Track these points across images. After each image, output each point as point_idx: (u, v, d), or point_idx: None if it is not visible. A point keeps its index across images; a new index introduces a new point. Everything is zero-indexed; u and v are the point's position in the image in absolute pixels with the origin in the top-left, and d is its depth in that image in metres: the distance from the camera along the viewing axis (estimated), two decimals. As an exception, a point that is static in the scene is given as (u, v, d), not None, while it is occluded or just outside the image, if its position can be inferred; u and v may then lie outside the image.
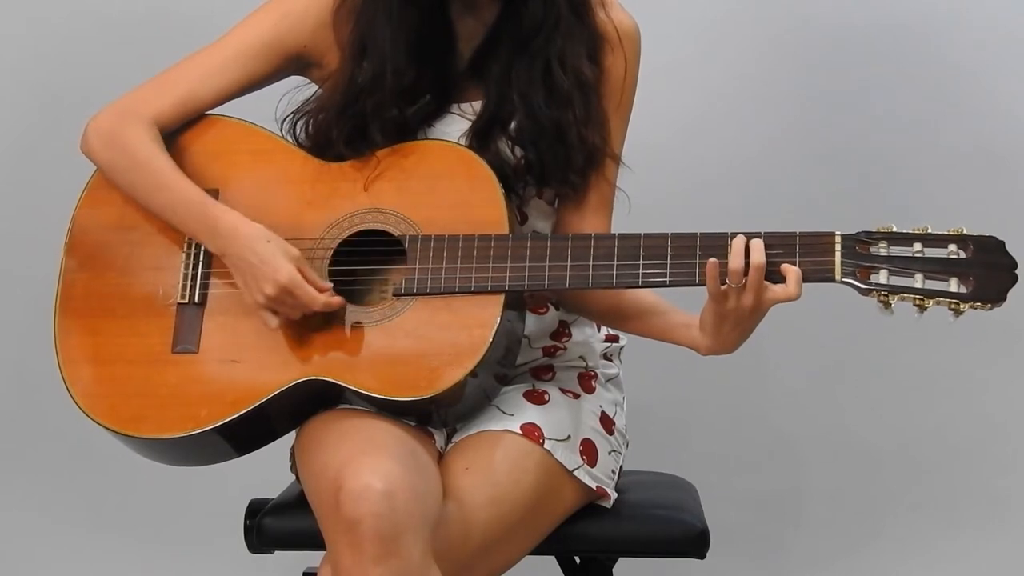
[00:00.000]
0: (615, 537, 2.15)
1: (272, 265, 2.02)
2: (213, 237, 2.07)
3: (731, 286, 1.94)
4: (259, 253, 2.03)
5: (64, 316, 2.12)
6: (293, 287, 2.01)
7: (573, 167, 2.10)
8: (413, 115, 2.12)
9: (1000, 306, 1.90)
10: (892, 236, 1.94)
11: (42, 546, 3.13)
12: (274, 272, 2.01)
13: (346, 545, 1.86)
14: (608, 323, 2.21)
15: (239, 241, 2.04)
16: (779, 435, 3.04)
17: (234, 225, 2.05)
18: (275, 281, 2.01)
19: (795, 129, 2.98)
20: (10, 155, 3.08)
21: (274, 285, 2.01)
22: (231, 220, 2.06)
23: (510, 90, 2.09)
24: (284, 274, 2.01)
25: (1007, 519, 3.04)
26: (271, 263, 2.02)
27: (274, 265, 2.02)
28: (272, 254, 2.02)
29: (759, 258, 1.93)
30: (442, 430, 2.11)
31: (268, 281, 2.01)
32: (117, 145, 2.13)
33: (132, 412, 2.06)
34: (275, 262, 2.02)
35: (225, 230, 2.05)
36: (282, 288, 2.01)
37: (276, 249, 2.03)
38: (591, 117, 2.11)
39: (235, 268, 2.05)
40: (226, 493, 2.51)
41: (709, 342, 2.03)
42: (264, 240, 2.04)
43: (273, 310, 2.03)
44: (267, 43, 2.14)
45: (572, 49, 2.10)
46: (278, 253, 2.02)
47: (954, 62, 2.95)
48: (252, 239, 2.04)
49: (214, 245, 2.07)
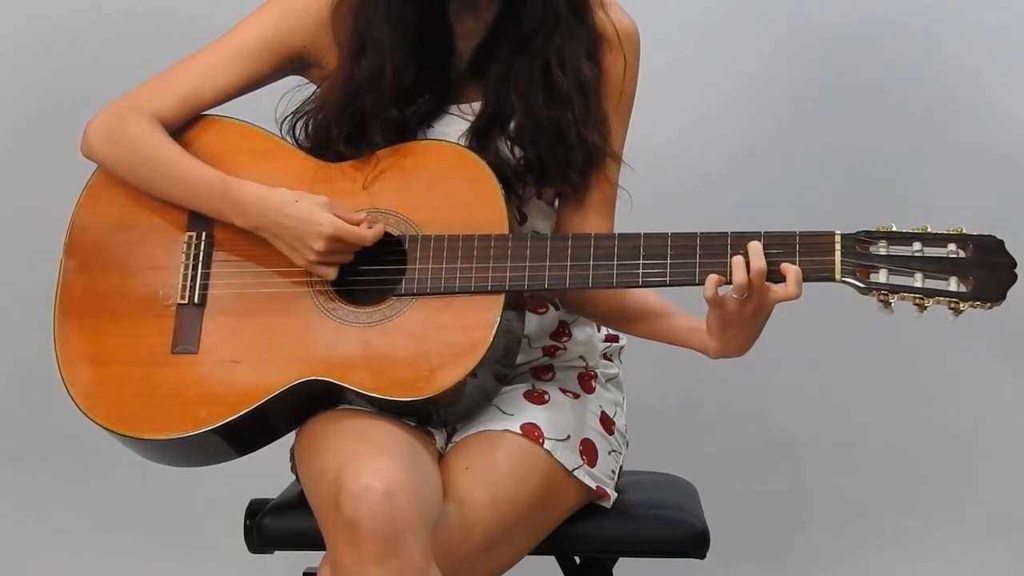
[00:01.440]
0: (615, 537, 2.15)
1: (312, 221, 2.02)
2: (241, 214, 2.06)
3: (735, 298, 1.95)
4: (294, 215, 2.03)
5: (63, 316, 2.12)
6: (340, 233, 2.01)
7: (573, 166, 2.10)
8: (412, 115, 2.12)
9: (1000, 305, 1.90)
10: (892, 235, 1.94)
11: (42, 546, 3.13)
12: (318, 227, 2.01)
13: (346, 545, 1.86)
14: (613, 325, 2.21)
15: (269, 209, 2.04)
16: (780, 435, 3.05)
17: (259, 195, 2.05)
18: (321, 235, 2.01)
19: (795, 128, 2.98)
20: (10, 155, 3.08)
21: (322, 239, 2.01)
22: (254, 191, 2.06)
23: (509, 90, 2.09)
24: (327, 225, 2.01)
25: (1007, 519, 3.04)
26: (310, 219, 2.02)
27: (314, 220, 2.02)
28: (307, 210, 2.02)
29: (760, 264, 1.93)
30: (442, 430, 2.11)
31: (315, 237, 2.01)
32: (121, 141, 2.13)
33: (132, 413, 2.06)
34: (313, 217, 2.02)
35: (252, 203, 2.05)
36: (329, 238, 2.01)
37: (308, 204, 2.03)
38: (590, 116, 2.10)
39: (274, 236, 2.05)
40: (226, 493, 2.50)
41: (717, 346, 2.02)
42: (293, 200, 2.04)
43: (327, 262, 2.03)
44: (267, 42, 2.14)
45: (571, 49, 2.10)
46: (312, 207, 2.02)
47: (953, 61, 2.95)
48: (282, 203, 2.04)
49: (244, 221, 2.06)
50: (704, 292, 1.96)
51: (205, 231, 2.11)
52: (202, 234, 2.11)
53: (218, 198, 2.07)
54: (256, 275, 2.09)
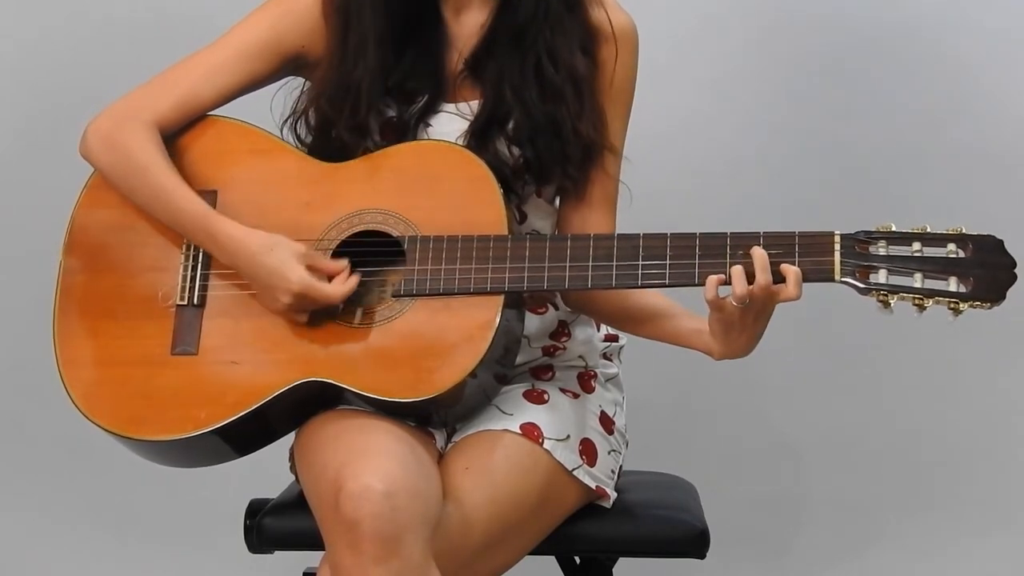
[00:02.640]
0: (615, 537, 2.15)
1: (281, 275, 2.02)
2: (220, 252, 2.07)
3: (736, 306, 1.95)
4: (266, 266, 2.03)
5: (63, 317, 2.12)
6: (307, 292, 2.01)
7: (571, 161, 2.10)
8: (411, 115, 2.12)
9: (999, 305, 1.90)
10: (891, 236, 1.93)
11: (42, 546, 3.13)
12: (286, 283, 2.01)
13: (346, 546, 1.85)
14: (618, 326, 2.20)
15: (244, 255, 2.04)
16: (779, 435, 3.05)
17: (236, 239, 2.05)
18: (288, 290, 2.01)
19: (794, 129, 2.98)
20: (10, 155, 3.08)
21: (288, 294, 2.01)
22: (232, 234, 2.06)
23: (505, 87, 2.09)
24: (295, 283, 2.01)
25: (1008, 519, 3.04)
26: (280, 273, 2.02)
27: (283, 275, 2.02)
28: (279, 263, 2.02)
29: (765, 279, 1.93)
30: (442, 430, 2.11)
31: (283, 292, 2.02)
32: (117, 149, 2.12)
33: (131, 414, 2.06)
34: (284, 271, 2.02)
35: (229, 245, 2.05)
36: (296, 295, 2.01)
37: (281, 255, 2.03)
38: (585, 110, 2.10)
39: (249, 278, 2.06)
40: (226, 493, 2.51)
41: (721, 348, 2.02)
42: (268, 250, 2.03)
43: (297, 311, 2.03)
44: (267, 43, 2.14)
45: (564, 43, 2.10)
46: (284, 259, 2.02)
47: (953, 61, 2.95)
48: (256, 253, 2.04)
49: (223, 259, 2.07)
50: (705, 295, 1.96)
51: (204, 232, 2.12)
52: (201, 235, 2.12)
53: (199, 232, 2.08)
54: (256, 276, 2.09)
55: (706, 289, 1.95)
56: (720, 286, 1.95)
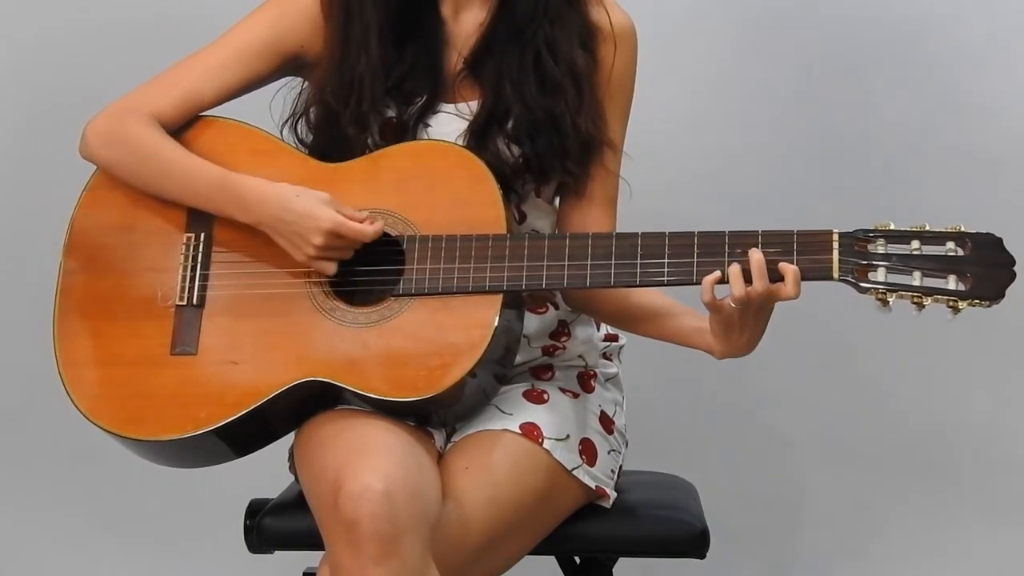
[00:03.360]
0: (615, 537, 2.15)
1: (312, 215, 2.02)
2: (243, 209, 2.06)
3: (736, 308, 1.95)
4: (294, 209, 2.03)
5: (63, 318, 2.12)
6: (340, 229, 2.01)
7: (570, 156, 2.10)
8: (410, 116, 2.12)
9: (998, 303, 1.90)
10: (890, 234, 1.93)
11: (42, 546, 3.13)
12: (317, 222, 2.01)
13: (345, 546, 1.86)
14: (620, 325, 2.20)
15: (270, 204, 2.04)
16: (780, 435, 3.04)
17: (261, 190, 2.05)
18: (320, 229, 2.01)
19: (793, 127, 2.98)
20: (10, 156, 3.08)
21: (321, 233, 2.01)
22: (256, 186, 2.06)
23: (504, 83, 2.09)
24: (327, 220, 2.01)
25: (1007, 518, 3.03)
26: (310, 214, 2.02)
27: (315, 215, 2.02)
28: (308, 205, 2.02)
29: (763, 286, 1.93)
30: (441, 430, 2.11)
31: (315, 232, 2.01)
32: (120, 142, 2.13)
33: (131, 414, 2.06)
34: (314, 212, 2.02)
35: (253, 198, 2.05)
36: (329, 233, 2.01)
37: (309, 200, 2.03)
38: (584, 105, 2.10)
39: (275, 231, 2.05)
40: (226, 493, 2.50)
41: (722, 347, 2.03)
42: (294, 195, 2.04)
43: (327, 258, 2.03)
44: (266, 42, 2.14)
45: (564, 37, 2.10)
46: (312, 202, 2.03)
47: (952, 61, 2.95)
48: (282, 199, 2.04)
49: (246, 216, 2.07)
50: (702, 297, 1.96)
51: (204, 232, 2.12)
52: (201, 235, 2.11)
53: (219, 193, 2.07)
54: (255, 276, 2.09)
55: (702, 291, 1.95)
56: (717, 284, 1.95)
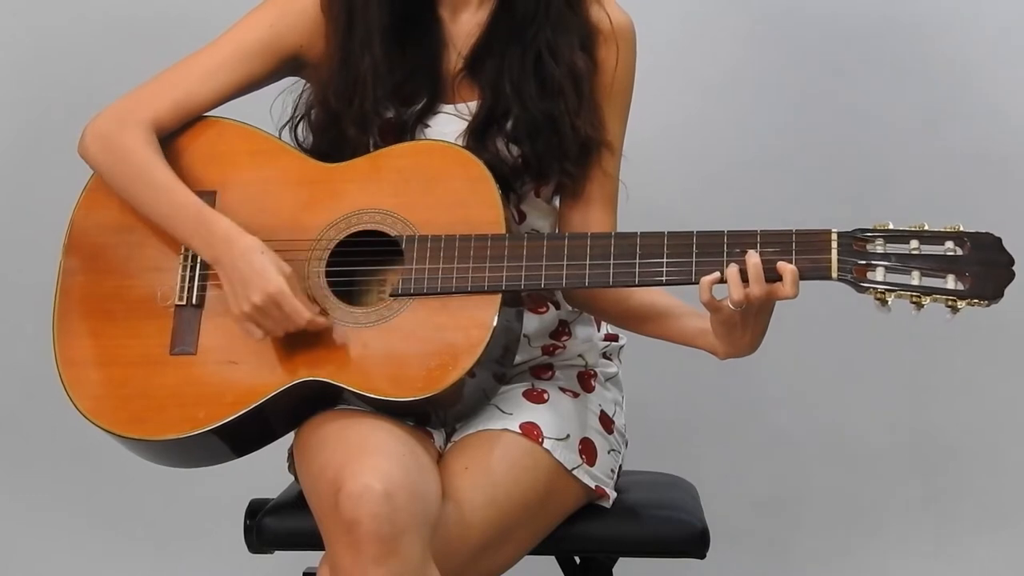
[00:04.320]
0: (615, 537, 2.15)
1: (263, 276, 2.01)
2: (208, 245, 2.06)
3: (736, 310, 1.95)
4: (252, 263, 2.02)
5: (62, 318, 2.12)
6: (280, 299, 2.00)
7: (568, 157, 2.10)
8: (410, 116, 2.12)
9: (997, 303, 1.90)
10: (889, 233, 1.93)
11: (42, 546, 3.13)
12: (264, 282, 2.00)
13: (345, 546, 1.86)
14: (621, 325, 2.20)
15: (234, 250, 2.03)
16: (779, 435, 3.04)
17: (229, 233, 2.05)
18: (264, 291, 2.00)
19: (791, 127, 2.98)
20: (10, 156, 3.08)
21: (262, 294, 2.00)
22: (226, 228, 2.05)
23: (504, 84, 2.09)
24: (274, 285, 2.00)
25: (1007, 518, 3.03)
26: (262, 274, 2.01)
27: (265, 276, 2.01)
28: (264, 266, 2.01)
29: (759, 291, 1.93)
30: (441, 430, 2.11)
31: (257, 290, 2.00)
32: (114, 150, 2.13)
33: (130, 414, 2.06)
34: (267, 273, 2.01)
35: (220, 238, 2.05)
36: (270, 298, 2.00)
37: (269, 261, 2.02)
38: (583, 107, 2.10)
39: (225, 275, 2.04)
40: (226, 493, 2.50)
41: (724, 347, 2.03)
42: (259, 251, 2.03)
43: (257, 322, 2.02)
44: (264, 43, 2.14)
45: (564, 40, 2.10)
46: (271, 265, 2.02)
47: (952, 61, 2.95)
48: (247, 249, 2.03)
49: (208, 253, 2.06)
50: (700, 297, 1.96)
51: (203, 232, 2.12)
52: (200, 235, 2.12)
53: (190, 225, 2.06)
54: (254, 276, 2.09)
55: (700, 292, 1.95)
56: (715, 285, 1.95)
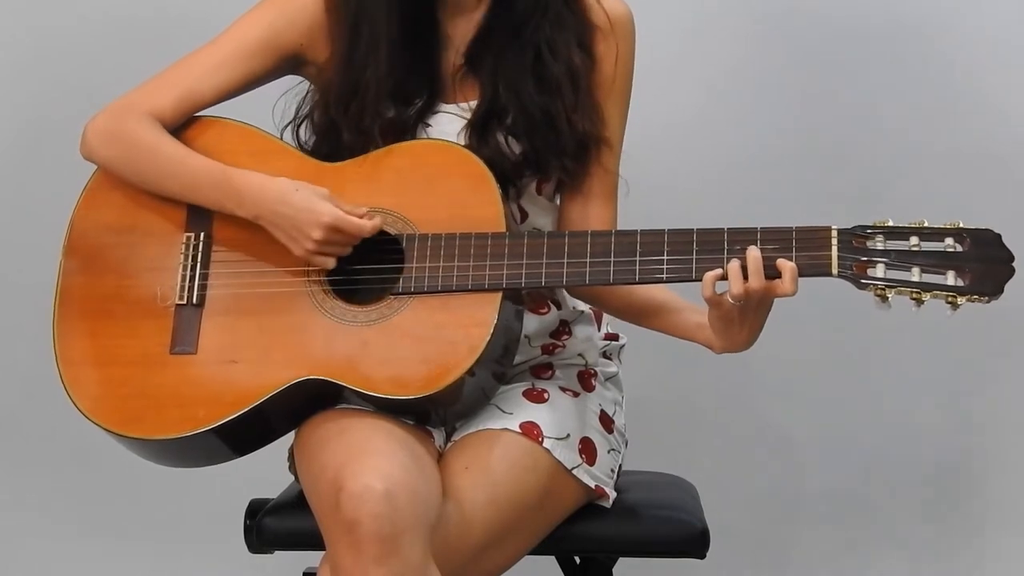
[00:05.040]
0: (615, 537, 2.15)
1: (311, 210, 2.02)
2: (241, 203, 2.07)
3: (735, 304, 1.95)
4: (293, 204, 2.03)
5: (63, 318, 2.12)
6: (339, 223, 2.01)
7: (566, 153, 2.11)
8: (411, 116, 2.12)
9: (997, 299, 1.90)
10: (889, 230, 1.93)
11: (42, 546, 3.12)
12: (316, 216, 2.01)
13: (346, 546, 1.86)
14: (625, 318, 2.21)
15: (268, 199, 2.04)
16: (779, 435, 3.04)
17: (260, 185, 2.05)
18: (320, 223, 2.01)
19: (792, 126, 2.98)
20: (10, 156, 3.08)
21: (320, 227, 2.01)
22: (255, 181, 2.06)
23: (502, 80, 2.09)
24: (326, 215, 2.01)
25: (1009, 519, 3.03)
26: (309, 208, 2.02)
27: (313, 209, 2.02)
28: (307, 199, 2.03)
29: (758, 284, 1.93)
30: (441, 429, 2.11)
31: (313, 226, 2.01)
32: (119, 140, 2.13)
33: (130, 413, 2.06)
34: (313, 206, 2.02)
35: (252, 193, 2.05)
36: (328, 227, 2.01)
37: (308, 194, 2.03)
38: (580, 104, 2.11)
39: (273, 225, 2.05)
40: (226, 493, 2.50)
41: (722, 342, 2.03)
42: (294, 190, 2.04)
43: (326, 253, 2.03)
44: (265, 41, 2.14)
45: (562, 37, 2.10)
46: (312, 197, 2.03)
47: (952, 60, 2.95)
48: (282, 193, 2.04)
49: (244, 210, 2.07)
50: (702, 292, 1.96)
51: (204, 231, 2.12)
52: (200, 235, 2.12)
53: (217, 189, 2.08)
54: (254, 275, 2.09)
55: (703, 287, 1.96)
56: (718, 281, 1.95)
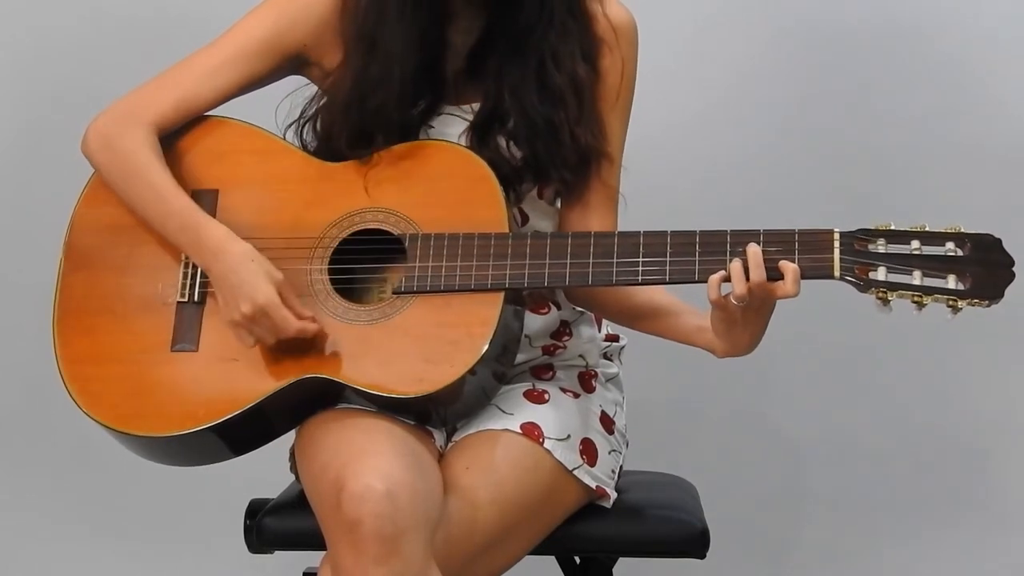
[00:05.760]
0: (615, 537, 2.15)
1: (252, 285, 2.01)
2: (200, 252, 2.06)
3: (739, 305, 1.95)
4: (240, 273, 2.02)
5: (63, 315, 2.12)
6: (269, 309, 2.00)
7: (567, 165, 2.10)
8: (414, 116, 2.12)
9: (998, 303, 1.90)
10: (890, 233, 1.94)
11: (42, 546, 3.13)
12: (252, 292, 2.00)
13: (347, 545, 1.86)
14: (623, 322, 2.20)
15: (225, 259, 2.03)
16: (779, 435, 3.04)
17: (221, 242, 2.05)
18: (252, 300, 2.00)
19: (794, 127, 2.98)
20: (10, 155, 3.08)
21: (251, 304, 2.00)
22: (219, 237, 2.05)
23: (505, 85, 2.09)
24: (262, 295, 2.00)
25: (1008, 518, 3.03)
26: (251, 283, 2.01)
27: (253, 285, 2.01)
28: (254, 274, 2.02)
29: (759, 276, 1.93)
30: (441, 429, 2.11)
31: (246, 300, 2.01)
32: (114, 150, 2.13)
33: (131, 410, 2.06)
34: (255, 282, 2.01)
35: (212, 247, 2.05)
36: (258, 308, 2.00)
37: (259, 270, 2.02)
38: (583, 117, 2.10)
39: (216, 285, 2.05)
40: (226, 493, 2.50)
41: (724, 345, 2.03)
42: (249, 260, 2.03)
43: (248, 330, 2.02)
44: (266, 41, 2.14)
45: (566, 48, 2.10)
46: (260, 274, 2.02)
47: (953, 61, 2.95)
48: (238, 258, 2.03)
49: (200, 261, 2.07)
50: (708, 295, 1.97)
51: (204, 231, 2.12)
52: (201, 233, 2.12)
53: (184, 233, 2.07)
54: (255, 274, 2.09)
55: (709, 289, 1.96)
56: (723, 283, 1.95)
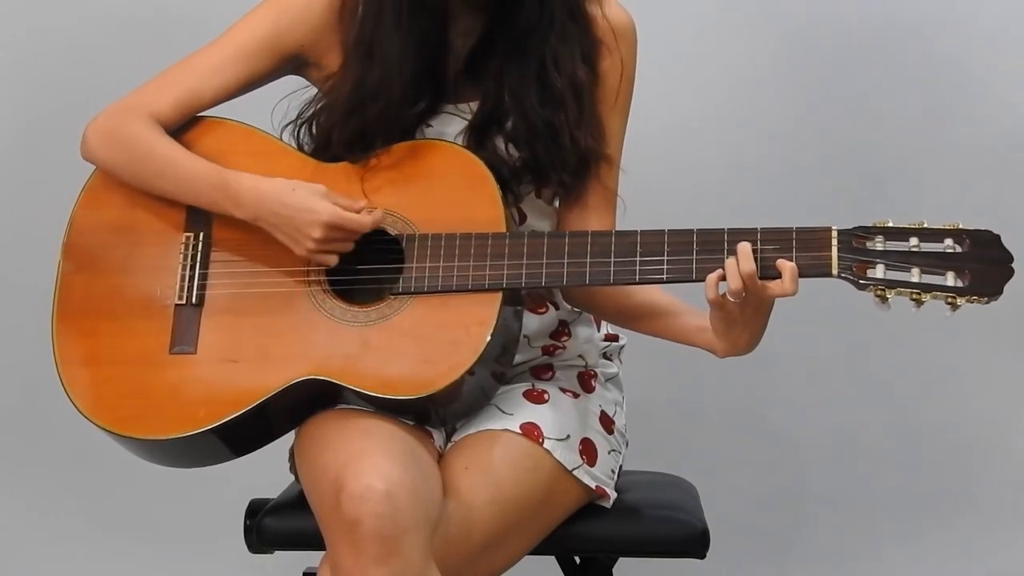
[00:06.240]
0: (615, 537, 2.15)
1: (310, 209, 2.02)
2: (239, 204, 2.06)
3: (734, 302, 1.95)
4: (290, 204, 2.03)
5: (62, 318, 2.12)
6: (338, 221, 2.01)
7: (566, 168, 2.10)
8: (412, 116, 2.12)
9: (996, 300, 1.90)
10: (888, 231, 1.93)
11: (42, 547, 3.13)
12: (315, 215, 2.01)
13: (347, 546, 1.86)
14: (621, 323, 2.21)
15: (266, 200, 2.04)
16: (779, 435, 3.05)
17: (256, 187, 2.05)
18: (318, 223, 2.01)
19: (792, 127, 2.98)
20: (10, 156, 3.08)
21: (320, 227, 2.01)
22: (252, 183, 2.06)
23: (504, 86, 2.09)
24: (325, 213, 2.01)
25: (1007, 518, 3.04)
26: (307, 207, 2.02)
27: (312, 208, 2.02)
28: (304, 199, 2.02)
29: (748, 267, 1.93)
30: (441, 429, 2.11)
31: (313, 225, 2.01)
32: (117, 141, 2.13)
33: (130, 413, 2.06)
34: (311, 205, 2.02)
35: (249, 194, 2.05)
36: (327, 226, 2.01)
37: (305, 193, 2.03)
38: (583, 119, 2.10)
39: (273, 227, 2.05)
40: (226, 493, 2.51)
41: (724, 345, 2.03)
42: (290, 190, 2.04)
43: (327, 251, 2.03)
44: (266, 41, 2.14)
45: (566, 50, 2.10)
46: (309, 196, 2.03)
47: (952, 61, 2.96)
48: (278, 194, 2.04)
49: (242, 211, 2.07)
50: (706, 294, 1.96)
51: (203, 231, 2.12)
52: (200, 234, 2.12)
53: (215, 191, 2.07)
54: (254, 275, 2.09)
55: (707, 288, 1.96)
56: (720, 282, 1.95)
